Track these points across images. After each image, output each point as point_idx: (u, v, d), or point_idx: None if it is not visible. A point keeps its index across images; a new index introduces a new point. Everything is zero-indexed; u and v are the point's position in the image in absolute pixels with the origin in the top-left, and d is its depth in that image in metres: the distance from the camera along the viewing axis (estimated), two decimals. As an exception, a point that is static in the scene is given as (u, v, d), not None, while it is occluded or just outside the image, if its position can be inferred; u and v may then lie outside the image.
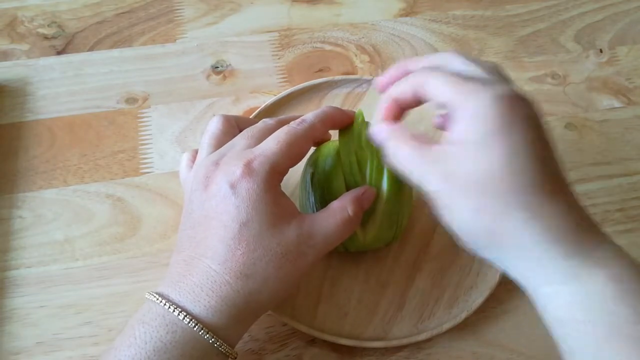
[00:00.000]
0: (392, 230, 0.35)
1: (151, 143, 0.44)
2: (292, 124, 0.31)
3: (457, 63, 0.29)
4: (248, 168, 0.28)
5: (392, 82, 0.31)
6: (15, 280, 0.38)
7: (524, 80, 0.49)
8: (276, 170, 0.29)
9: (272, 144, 0.30)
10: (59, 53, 0.49)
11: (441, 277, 0.38)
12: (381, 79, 0.32)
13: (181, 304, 0.27)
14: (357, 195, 0.32)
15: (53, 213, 0.41)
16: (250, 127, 0.32)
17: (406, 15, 0.53)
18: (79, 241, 0.39)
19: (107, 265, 0.39)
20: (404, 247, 0.39)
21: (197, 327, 0.26)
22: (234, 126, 0.34)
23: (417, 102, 0.30)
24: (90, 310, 0.37)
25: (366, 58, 0.50)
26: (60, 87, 0.47)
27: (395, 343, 0.35)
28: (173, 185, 0.42)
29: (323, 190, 0.34)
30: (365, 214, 0.34)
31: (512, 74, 0.49)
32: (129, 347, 0.26)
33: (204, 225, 0.29)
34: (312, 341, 0.36)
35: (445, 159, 0.26)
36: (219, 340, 0.27)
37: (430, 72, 0.28)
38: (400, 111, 0.31)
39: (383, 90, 0.32)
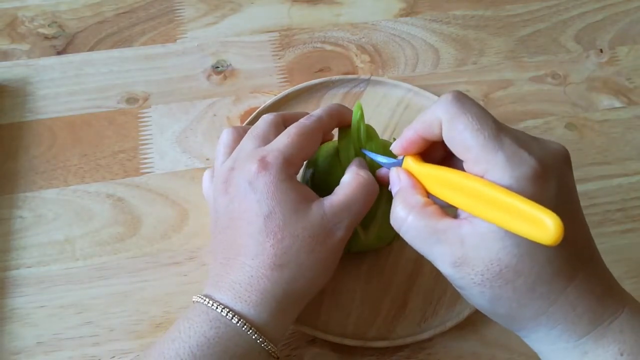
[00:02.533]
0: (393, 229, 0.35)
1: (151, 143, 0.44)
2: (301, 120, 0.32)
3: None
4: (263, 163, 0.29)
5: (407, 145, 0.28)
6: (16, 280, 0.38)
7: (524, 80, 0.49)
8: (290, 162, 0.30)
9: (283, 138, 0.31)
10: (59, 53, 0.49)
11: (443, 276, 0.38)
12: (397, 143, 0.29)
13: (223, 302, 0.28)
14: (360, 162, 0.33)
15: (53, 213, 0.41)
16: (253, 128, 0.33)
17: (406, 15, 0.53)
18: (79, 241, 0.39)
19: (107, 265, 0.39)
20: (405, 246, 0.39)
21: (239, 322, 0.27)
22: (242, 135, 0.34)
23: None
24: (90, 310, 0.37)
25: (367, 58, 0.50)
26: (61, 87, 0.47)
27: (399, 342, 0.35)
28: (173, 185, 0.42)
29: (323, 189, 0.34)
30: (367, 214, 0.34)
31: (512, 74, 0.50)
32: (172, 341, 0.26)
33: (231, 226, 0.30)
34: (313, 341, 0.36)
35: (457, 240, 0.25)
36: (262, 336, 0.27)
37: (460, 110, 0.25)
38: (423, 143, 0.28)
39: (400, 153, 0.29)
